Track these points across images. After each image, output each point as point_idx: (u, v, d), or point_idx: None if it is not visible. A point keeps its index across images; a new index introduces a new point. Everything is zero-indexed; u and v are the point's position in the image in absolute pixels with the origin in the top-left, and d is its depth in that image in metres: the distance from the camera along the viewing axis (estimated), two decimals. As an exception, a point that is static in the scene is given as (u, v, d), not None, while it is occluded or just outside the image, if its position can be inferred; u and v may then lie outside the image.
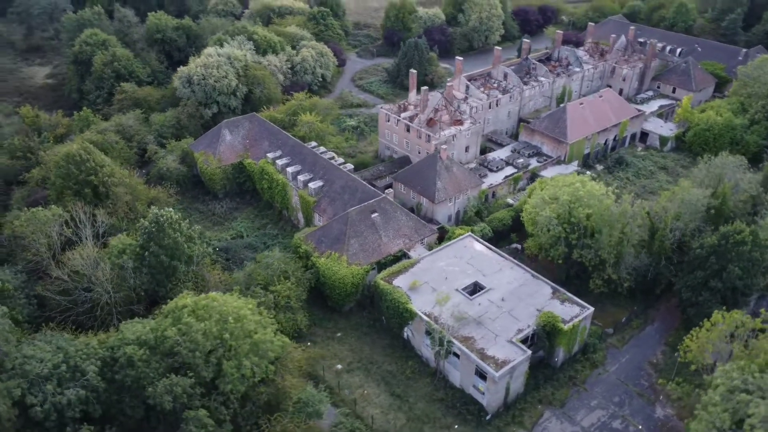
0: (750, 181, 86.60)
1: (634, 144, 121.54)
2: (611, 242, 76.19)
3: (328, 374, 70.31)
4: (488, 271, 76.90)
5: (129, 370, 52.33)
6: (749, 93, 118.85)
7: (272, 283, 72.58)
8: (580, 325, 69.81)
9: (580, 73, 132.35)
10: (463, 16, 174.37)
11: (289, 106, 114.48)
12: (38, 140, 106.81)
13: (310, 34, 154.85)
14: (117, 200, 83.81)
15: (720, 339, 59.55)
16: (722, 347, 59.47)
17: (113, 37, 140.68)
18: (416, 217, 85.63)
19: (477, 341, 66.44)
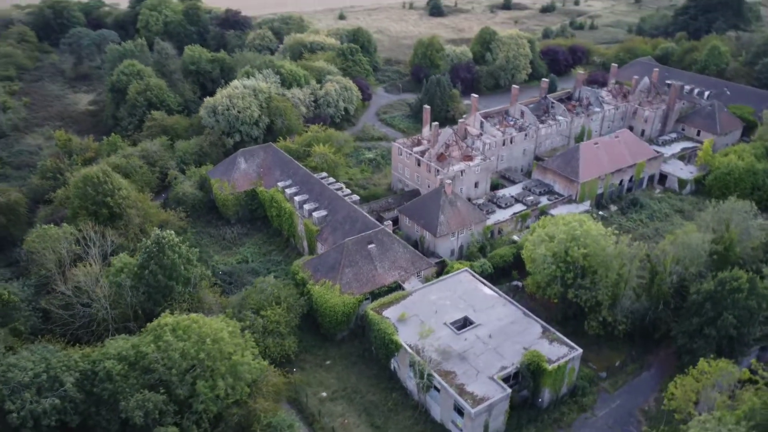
0: (762, 228, 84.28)
1: (652, 186, 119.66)
2: (607, 283, 75.09)
3: (311, 401, 70.90)
4: (480, 306, 76.71)
5: (107, 384, 54.46)
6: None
7: (263, 307, 74.23)
8: (567, 366, 68.64)
9: (600, 113, 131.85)
10: (490, 54, 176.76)
11: (306, 137, 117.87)
12: (68, 162, 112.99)
13: (338, 68, 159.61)
14: (129, 222, 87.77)
15: (705, 388, 57.68)
16: (707, 396, 57.55)
17: (149, 68, 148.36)
18: (413, 249, 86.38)
19: (458, 376, 66.13)
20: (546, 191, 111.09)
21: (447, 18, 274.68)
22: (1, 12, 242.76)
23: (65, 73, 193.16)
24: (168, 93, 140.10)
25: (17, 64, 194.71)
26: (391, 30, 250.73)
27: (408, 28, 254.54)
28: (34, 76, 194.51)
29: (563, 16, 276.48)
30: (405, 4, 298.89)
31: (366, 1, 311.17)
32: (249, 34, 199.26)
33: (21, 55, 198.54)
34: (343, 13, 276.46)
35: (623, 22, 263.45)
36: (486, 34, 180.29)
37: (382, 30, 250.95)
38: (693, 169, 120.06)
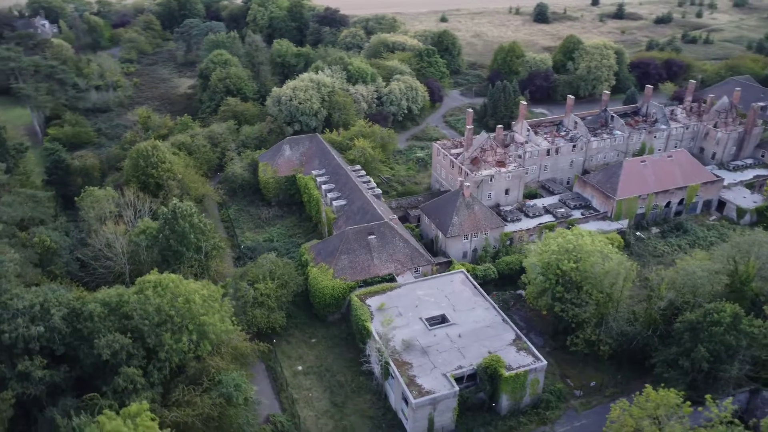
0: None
1: (708, 212, 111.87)
2: (593, 301, 73.20)
3: (287, 372, 76.16)
4: (461, 307, 77.81)
5: (88, 323, 63.04)
6: None
7: (258, 281, 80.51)
8: (528, 376, 68.22)
9: (666, 131, 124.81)
10: (572, 63, 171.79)
11: (351, 131, 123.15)
12: (143, 137, 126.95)
13: (411, 69, 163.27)
14: (168, 192, 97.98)
15: (643, 416, 55.57)
16: (643, 425, 55.37)
17: (236, 58, 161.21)
18: (415, 245, 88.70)
19: (413, 368, 68.22)
20: (583, 205, 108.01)
21: (551, 25, 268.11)
22: (137, 1, 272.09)
23: (176, 60, 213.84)
24: (246, 82, 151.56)
25: (139, 49, 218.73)
26: (488, 34, 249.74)
27: (506, 33, 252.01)
28: (151, 60, 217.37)
29: (678, 28, 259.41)
30: (511, 9, 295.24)
31: (472, 4, 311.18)
32: (342, 32, 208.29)
33: (143, 41, 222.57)
34: (445, 16, 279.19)
35: (746, 38, 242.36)
36: (569, 42, 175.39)
37: (479, 34, 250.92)
38: (758, 199, 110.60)
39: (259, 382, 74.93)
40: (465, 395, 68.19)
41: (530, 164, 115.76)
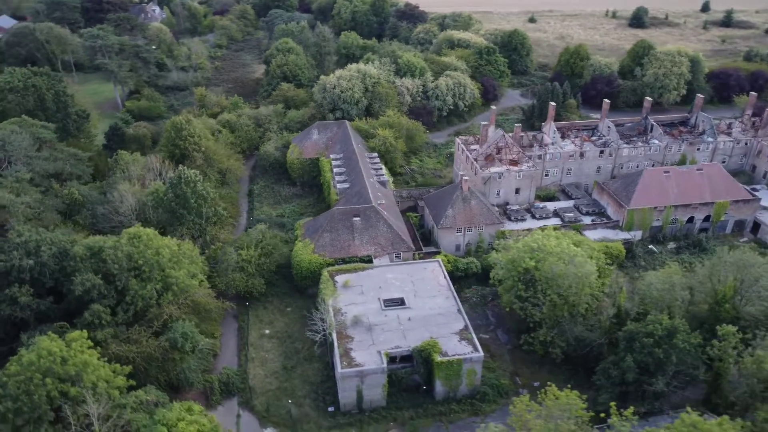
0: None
1: (739, 232, 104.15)
2: (550, 302, 72.32)
3: (254, 334, 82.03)
4: (423, 294, 79.57)
5: (71, 262, 72.30)
6: None
7: (243, 248, 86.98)
8: (462, 365, 69.03)
9: (712, 144, 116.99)
10: (640, 69, 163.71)
11: (381, 120, 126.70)
12: (197, 113, 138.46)
13: (467, 66, 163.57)
14: (192, 162, 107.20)
15: (540, 413, 55.26)
16: (537, 422, 55.02)
17: (300, 46, 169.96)
18: (398, 232, 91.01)
19: (353, 342, 71.35)
20: (596, 212, 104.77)
21: (646, 30, 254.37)
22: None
23: (261, 47, 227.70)
24: (303, 69, 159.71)
25: (229, 36, 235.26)
26: (573, 37, 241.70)
27: (593, 36, 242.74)
28: (239, 46, 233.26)
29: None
30: (608, 13, 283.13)
31: (568, 6, 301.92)
32: (417, 28, 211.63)
33: (234, 29, 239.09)
34: (534, 16, 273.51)
35: None
36: (639, 47, 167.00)
37: (564, 36, 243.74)
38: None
39: (228, 339, 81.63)
40: (400, 375, 70.32)
41: (551, 166, 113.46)
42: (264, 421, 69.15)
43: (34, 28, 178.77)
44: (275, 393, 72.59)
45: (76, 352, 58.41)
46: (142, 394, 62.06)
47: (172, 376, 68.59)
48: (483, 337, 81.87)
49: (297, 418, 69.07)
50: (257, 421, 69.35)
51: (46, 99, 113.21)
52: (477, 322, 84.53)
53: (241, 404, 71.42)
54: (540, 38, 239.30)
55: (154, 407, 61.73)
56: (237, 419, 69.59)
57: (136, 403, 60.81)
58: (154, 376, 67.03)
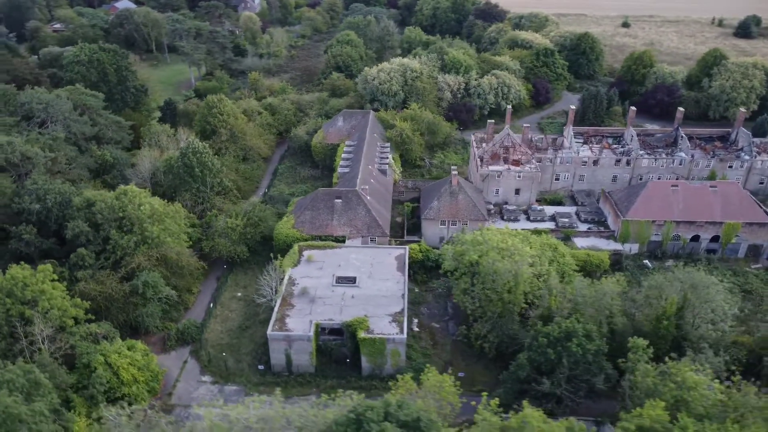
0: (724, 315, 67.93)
1: (753, 257, 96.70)
2: (485, 297, 73.25)
3: (227, 294, 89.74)
4: (378, 276, 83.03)
5: (69, 210, 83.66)
6: None
7: (233, 216, 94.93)
8: (385, 344, 71.94)
9: (747, 163, 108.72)
10: (708, 80, 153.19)
11: (406, 113, 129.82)
12: (249, 95, 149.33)
13: (520, 67, 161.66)
14: (218, 138, 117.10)
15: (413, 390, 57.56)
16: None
17: (360, 39, 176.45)
18: (375, 217, 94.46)
19: (293, 309, 76.60)
20: (596, 221, 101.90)
21: (751, 41, 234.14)
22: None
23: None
24: (356, 60, 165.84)
25: (314, 27, 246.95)
26: (664, 44, 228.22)
27: (687, 45, 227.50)
28: (322, 37, 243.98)
29: None
30: (714, 20, 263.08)
31: (671, 12, 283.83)
32: (491, 26, 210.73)
33: (320, 20, 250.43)
34: (628, 21, 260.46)
35: None
36: (710, 57, 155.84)
37: (654, 43, 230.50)
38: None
39: (204, 296, 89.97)
40: (330, 346, 74.70)
41: (562, 171, 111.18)
42: (204, 369, 76.37)
43: (134, 11, 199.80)
44: (223, 347, 79.62)
45: (38, 281, 68.60)
46: (94, 327, 71.42)
47: (131, 318, 77.55)
48: (434, 326, 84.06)
49: (231, 370, 75.63)
50: (199, 368, 76.72)
51: (108, 73, 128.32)
52: (435, 312, 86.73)
53: (192, 353, 79.15)
54: (626, 43, 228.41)
55: (103, 339, 70.89)
56: (183, 364, 77.38)
57: (86, 333, 70.26)
58: (115, 316, 76.24)
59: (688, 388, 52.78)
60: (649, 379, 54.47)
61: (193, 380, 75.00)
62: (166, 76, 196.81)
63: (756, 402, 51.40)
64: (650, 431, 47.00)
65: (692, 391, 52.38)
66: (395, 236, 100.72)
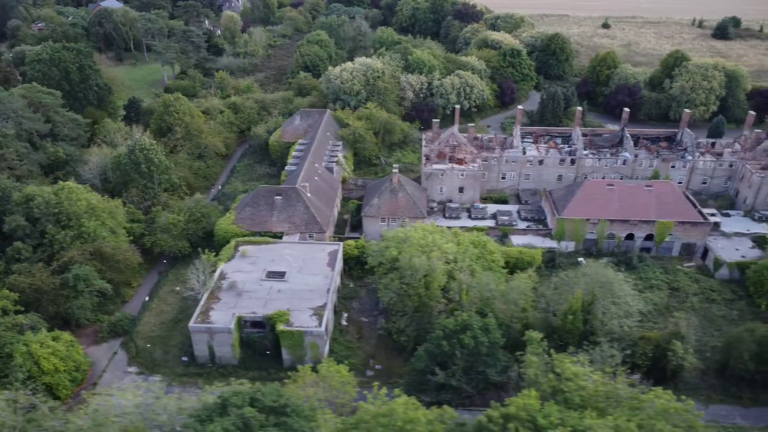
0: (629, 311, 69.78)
1: (687, 257, 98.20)
2: (402, 291, 75.18)
3: (166, 288, 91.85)
4: (308, 271, 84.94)
5: (9, 205, 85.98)
6: None
7: (176, 213, 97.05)
8: (303, 337, 73.89)
9: (689, 163, 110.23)
10: (670, 82, 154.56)
11: (362, 112, 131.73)
12: (212, 94, 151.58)
13: (486, 67, 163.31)
14: (173, 135, 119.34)
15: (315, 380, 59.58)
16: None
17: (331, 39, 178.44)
18: (314, 214, 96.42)
19: (219, 303, 78.55)
20: (536, 219, 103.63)
21: (728, 42, 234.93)
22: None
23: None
24: (324, 60, 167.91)
25: (295, 26, 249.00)
26: (641, 45, 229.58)
27: (663, 46, 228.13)
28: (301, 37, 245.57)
29: None
30: (694, 22, 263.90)
31: (653, 13, 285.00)
32: (466, 27, 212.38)
33: (301, 20, 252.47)
34: (608, 22, 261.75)
35: None
36: (672, 58, 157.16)
37: (631, 43, 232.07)
38: (755, 255, 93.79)
39: (144, 290, 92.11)
40: (253, 338, 76.74)
41: (508, 170, 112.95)
42: (131, 361, 78.54)
43: (112, 10, 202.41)
44: (154, 340, 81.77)
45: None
46: (21, 318, 73.64)
47: (62, 310, 79.71)
48: (363, 320, 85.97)
49: (157, 362, 77.76)
50: (127, 360, 78.91)
51: (70, 71, 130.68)
52: (366, 307, 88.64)
53: (122, 345, 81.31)
54: (604, 44, 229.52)
55: (29, 330, 73.10)
56: (112, 356, 79.55)
57: (11, 324, 72.47)
58: (45, 308, 78.43)
59: (566, 378, 54.51)
60: (531, 370, 56.22)
61: (119, 371, 77.11)
62: (142, 74, 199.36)
63: (624, 393, 53.05)
64: (515, 418, 48.76)
65: (569, 381, 54.09)
66: (341, 233, 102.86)
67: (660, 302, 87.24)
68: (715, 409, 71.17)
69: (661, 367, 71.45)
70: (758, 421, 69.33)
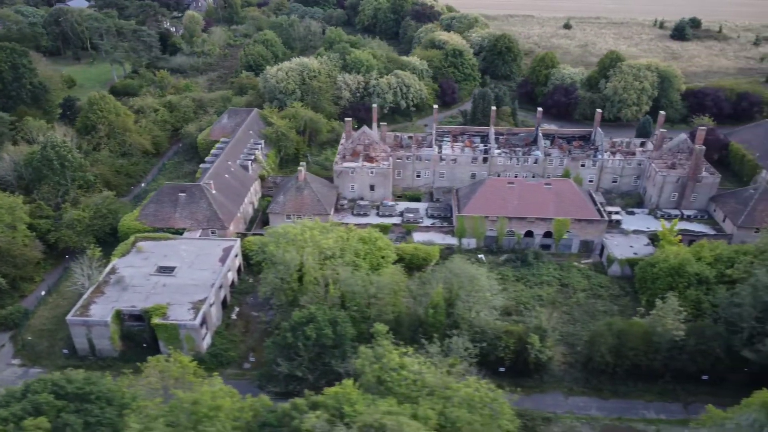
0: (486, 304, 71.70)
1: (586, 254, 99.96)
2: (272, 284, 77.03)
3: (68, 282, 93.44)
4: (199, 267, 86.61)
5: None
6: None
7: (85, 210, 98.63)
8: (178, 330, 75.58)
9: (598, 162, 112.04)
10: (605, 82, 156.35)
11: (287, 111, 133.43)
12: (153, 92, 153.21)
13: (428, 67, 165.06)
14: (96, 133, 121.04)
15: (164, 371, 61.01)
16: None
17: (279, 39, 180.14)
18: (216, 211, 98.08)
19: (102, 297, 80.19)
20: (443, 216, 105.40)
21: (685, 43, 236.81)
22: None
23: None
24: (267, 59, 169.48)
25: (257, 26, 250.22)
26: (598, 46, 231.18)
27: (620, 46, 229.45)
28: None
29: None
30: (656, 22, 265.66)
31: (618, 14, 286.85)
32: (421, 27, 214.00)
33: (263, 20, 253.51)
34: (571, 22, 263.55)
35: None
36: (608, 59, 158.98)
37: (588, 44, 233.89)
38: (648, 252, 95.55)
39: (46, 285, 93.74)
40: (133, 331, 78.43)
41: (422, 168, 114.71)
42: (16, 353, 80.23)
43: (67, 10, 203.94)
44: (43, 333, 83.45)
45: None
46: None
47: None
48: (254, 314, 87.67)
49: (40, 354, 79.47)
50: (12, 352, 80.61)
51: (2, 70, 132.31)
52: (260, 302, 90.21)
53: (11, 338, 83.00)
54: (561, 44, 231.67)
55: None
56: (0, 348, 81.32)
57: None
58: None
59: (391, 369, 56.24)
60: (359, 361, 57.96)
61: (2, 363, 78.85)
62: (97, 73, 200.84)
63: (436, 382, 54.73)
64: (323, 406, 50.53)
65: (392, 372, 55.83)
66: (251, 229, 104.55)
67: (547, 297, 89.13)
68: (575, 400, 73.01)
69: (522, 360, 73.40)
70: (611, 413, 71.20)
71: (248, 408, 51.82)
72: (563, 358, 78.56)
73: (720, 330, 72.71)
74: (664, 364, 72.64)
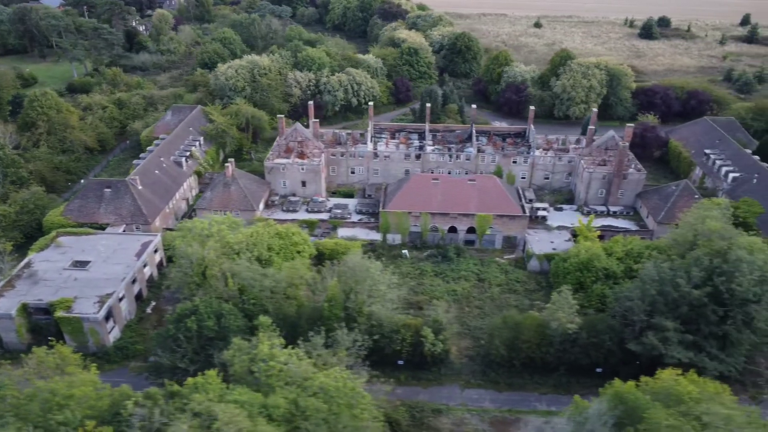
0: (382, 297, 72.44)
1: (510, 249, 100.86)
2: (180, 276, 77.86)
3: None
4: (113, 261, 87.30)
5: None
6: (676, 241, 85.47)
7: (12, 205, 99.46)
8: (82, 323, 76.38)
9: (529, 159, 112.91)
10: (555, 80, 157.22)
11: (231, 108, 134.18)
12: (107, 89, 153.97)
13: (382, 66, 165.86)
14: (36, 130, 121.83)
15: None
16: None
17: (238, 37, 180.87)
18: (140, 206, 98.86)
19: (12, 291, 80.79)
20: (373, 213, 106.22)
21: (651, 42, 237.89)
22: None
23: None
24: (223, 57, 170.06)
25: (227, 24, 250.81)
26: (565, 44, 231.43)
27: (586, 45, 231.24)
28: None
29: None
30: (627, 21, 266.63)
31: (590, 13, 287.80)
32: (386, 26, 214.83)
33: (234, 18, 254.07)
34: (541, 21, 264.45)
35: None
36: (558, 57, 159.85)
37: (556, 42, 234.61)
38: (567, 248, 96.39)
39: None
40: (41, 325, 79.16)
41: (356, 165, 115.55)
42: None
43: (31, 8, 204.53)
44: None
45: None
46: None
47: None
48: (169, 308, 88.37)
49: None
50: None
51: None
52: (177, 296, 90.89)
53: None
54: (528, 43, 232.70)
55: None
56: None
57: None
58: None
59: (260, 360, 57.07)
60: (229, 353, 58.78)
61: None
62: (60, 71, 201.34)
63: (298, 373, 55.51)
64: (178, 395, 51.36)
65: (261, 362, 56.65)
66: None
67: (461, 292, 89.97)
68: (470, 393, 73.82)
69: (419, 353, 74.24)
70: (504, 405, 72.00)
71: (107, 396, 52.64)
72: (467, 351, 79.47)
73: (614, 323, 73.62)
74: (558, 357, 73.50)
